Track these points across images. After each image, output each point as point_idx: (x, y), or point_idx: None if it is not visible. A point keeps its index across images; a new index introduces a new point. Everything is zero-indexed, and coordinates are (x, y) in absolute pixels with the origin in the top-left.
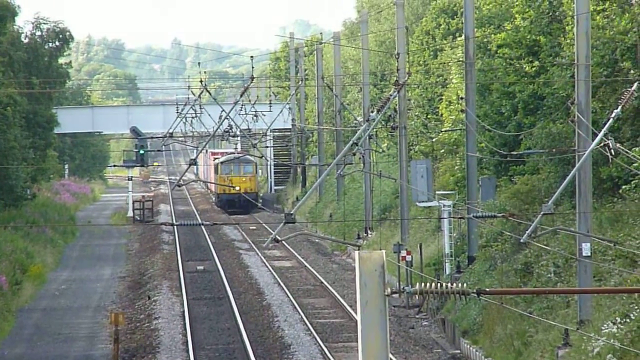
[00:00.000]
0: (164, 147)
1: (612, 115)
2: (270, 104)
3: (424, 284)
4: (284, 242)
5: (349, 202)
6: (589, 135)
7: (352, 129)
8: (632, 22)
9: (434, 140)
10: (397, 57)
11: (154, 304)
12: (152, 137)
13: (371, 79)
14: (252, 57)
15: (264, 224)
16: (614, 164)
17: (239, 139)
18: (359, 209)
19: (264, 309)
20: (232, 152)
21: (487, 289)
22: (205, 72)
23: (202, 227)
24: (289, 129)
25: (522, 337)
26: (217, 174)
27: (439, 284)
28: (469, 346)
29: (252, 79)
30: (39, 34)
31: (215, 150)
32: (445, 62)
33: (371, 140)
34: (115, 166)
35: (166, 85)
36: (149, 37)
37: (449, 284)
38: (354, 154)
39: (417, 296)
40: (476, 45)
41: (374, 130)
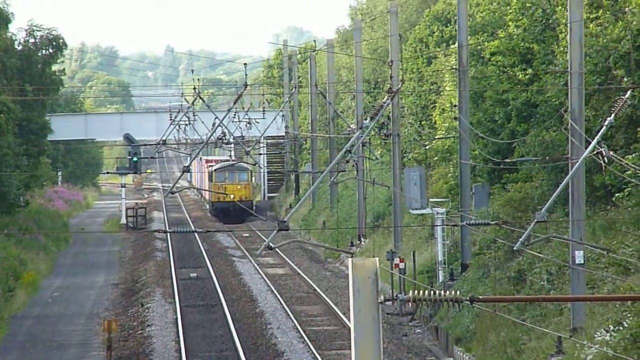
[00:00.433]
0: (157, 154)
1: (606, 123)
2: (263, 111)
3: (417, 292)
4: (277, 249)
5: (342, 210)
6: (582, 143)
7: (345, 136)
8: (625, 30)
9: (428, 147)
10: (390, 64)
11: (147, 311)
12: (146, 144)
13: (364, 87)
14: (245, 64)
15: (257, 231)
16: (607, 171)
17: (232, 146)
18: (352, 217)
19: (257, 316)
20: (226, 159)
21: (480, 297)
22: (198, 79)
23: (195, 234)
24: (283, 136)
25: (515, 345)
26: (211, 181)
27: (432, 292)
28: (462, 354)
29: (246, 86)
30: (32, 41)
31: (209, 157)
32: (438, 70)
33: (364, 147)
34: (108, 173)
35: (159, 92)
36: (143, 44)
37: (442, 292)
38: (347, 162)
39: (410, 303)
40: (469, 52)
41: (367, 137)
